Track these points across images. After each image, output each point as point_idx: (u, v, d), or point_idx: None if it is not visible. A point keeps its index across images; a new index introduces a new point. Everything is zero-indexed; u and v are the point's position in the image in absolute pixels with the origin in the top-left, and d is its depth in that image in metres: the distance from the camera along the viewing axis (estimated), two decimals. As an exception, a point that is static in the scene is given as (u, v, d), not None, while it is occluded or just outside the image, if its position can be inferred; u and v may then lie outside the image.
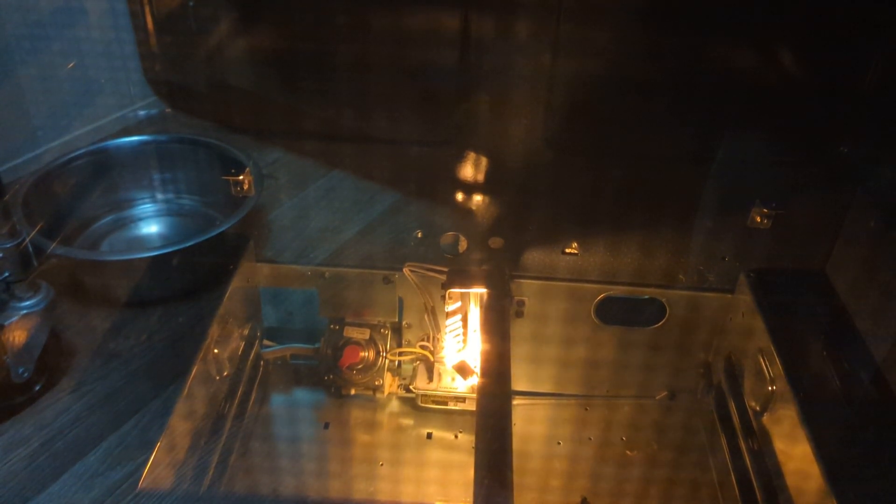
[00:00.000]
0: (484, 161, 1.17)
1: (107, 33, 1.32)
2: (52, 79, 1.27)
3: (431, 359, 1.10)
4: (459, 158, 1.16)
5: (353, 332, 1.09)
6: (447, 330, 1.07)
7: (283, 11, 1.22)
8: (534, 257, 1.10)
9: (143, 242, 1.20)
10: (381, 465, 1.05)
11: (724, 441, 1.04)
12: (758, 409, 0.98)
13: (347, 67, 1.19)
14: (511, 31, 1.10)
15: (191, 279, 1.06)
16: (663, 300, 1.08)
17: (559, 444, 1.10)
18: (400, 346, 1.13)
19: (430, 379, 1.11)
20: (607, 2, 1.04)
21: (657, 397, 1.15)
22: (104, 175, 1.22)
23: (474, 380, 1.06)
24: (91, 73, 1.33)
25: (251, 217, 1.11)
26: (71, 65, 1.25)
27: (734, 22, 1.01)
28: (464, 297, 1.04)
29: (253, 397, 1.08)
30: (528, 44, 1.09)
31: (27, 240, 0.89)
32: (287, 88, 1.31)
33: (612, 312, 1.09)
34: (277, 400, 1.13)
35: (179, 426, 0.89)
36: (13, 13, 1.19)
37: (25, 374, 0.90)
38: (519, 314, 1.09)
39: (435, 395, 1.11)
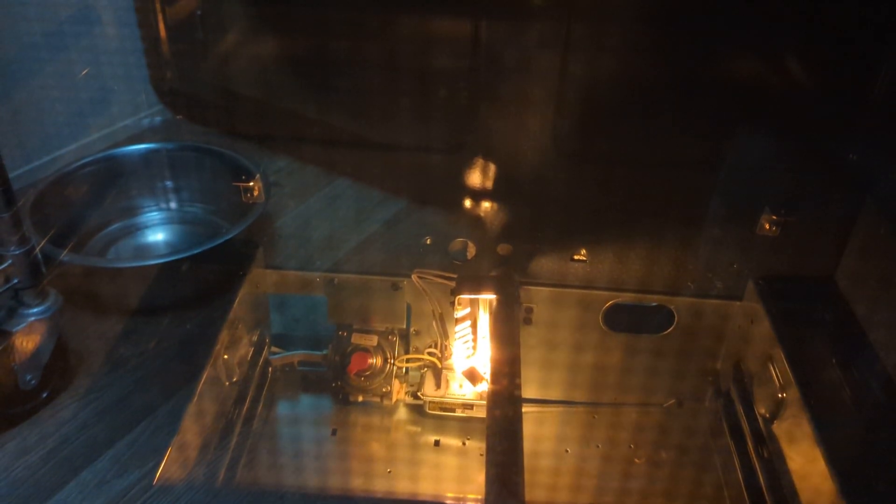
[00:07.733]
0: (493, 167, 1.17)
1: (115, 42, 1.32)
2: (62, 87, 1.28)
3: (439, 365, 1.10)
4: (468, 164, 1.16)
5: (361, 339, 1.09)
6: (456, 336, 1.07)
7: (290, 20, 1.22)
8: (542, 264, 1.10)
9: (150, 250, 1.20)
10: (389, 471, 1.05)
11: (733, 448, 1.03)
12: (767, 416, 0.98)
13: (356, 74, 1.19)
14: (521, 36, 1.10)
15: (200, 286, 1.06)
16: (671, 307, 1.08)
17: (567, 451, 1.09)
18: (408, 352, 1.13)
19: (438, 386, 1.11)
20: (617, 8, 1.04)
21: (665, 405, 1.15)
22: (113, 182, 1.22)
23: (484, 386, 1.05)
24: (100, 82, 1.33)
25: (260, 224, 1.11)
26: (85, 71, 1.25)
27: (744, 28, 1.01)
28: (473, 304, 1.04)
29: (261, 403, 1.08)
30: (538, 50, 1.09)
31: (38, 248, 0.88)
32: (295, 96, 1.32)
33: (621, 319, 1.09)
34: (285, 406, 1.13)
35: (189, 432, 0.89)
36: (24, 23, 1.20)
37: (33, 382, 0.90)
38: (527, 321, 1.09)
39: (443, 402, 1.10)
